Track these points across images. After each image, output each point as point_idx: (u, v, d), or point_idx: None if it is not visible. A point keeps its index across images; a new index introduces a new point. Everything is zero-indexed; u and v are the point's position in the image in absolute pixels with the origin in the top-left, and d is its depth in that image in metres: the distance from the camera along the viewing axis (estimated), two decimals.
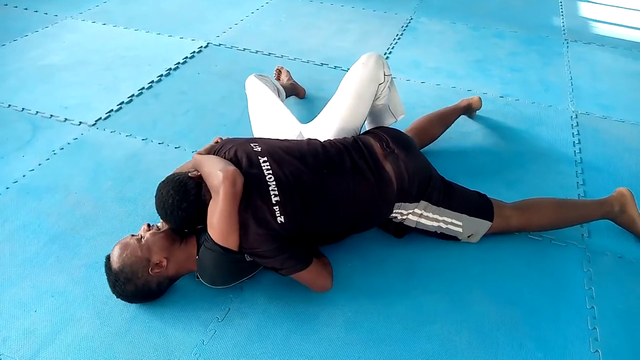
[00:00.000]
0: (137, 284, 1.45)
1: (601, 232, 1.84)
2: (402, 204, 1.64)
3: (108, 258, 1.48)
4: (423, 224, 1.68)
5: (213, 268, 1.48)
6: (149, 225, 1.54)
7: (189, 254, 1.51)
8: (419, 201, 1.65)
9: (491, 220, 1.71)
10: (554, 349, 1.46)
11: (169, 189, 1.47)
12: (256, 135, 1.98)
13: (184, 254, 1.51)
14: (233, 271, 1.51)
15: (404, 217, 1.67)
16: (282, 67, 2.61)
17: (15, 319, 1.49)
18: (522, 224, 1.76)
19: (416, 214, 1.67)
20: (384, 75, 1.81)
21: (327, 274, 1.54)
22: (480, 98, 2.39)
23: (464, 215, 1.69)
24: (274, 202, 1.43)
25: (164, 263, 1.47)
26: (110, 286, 1.47)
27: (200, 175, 1.50)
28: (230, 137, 1.72)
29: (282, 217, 1.43)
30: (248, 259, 1.48)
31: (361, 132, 1.84)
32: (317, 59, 2.92)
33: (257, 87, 2.04)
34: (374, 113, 1.91)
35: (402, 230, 1.72)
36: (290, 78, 2.53)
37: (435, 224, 1.69)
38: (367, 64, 1.81)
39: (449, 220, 1.69)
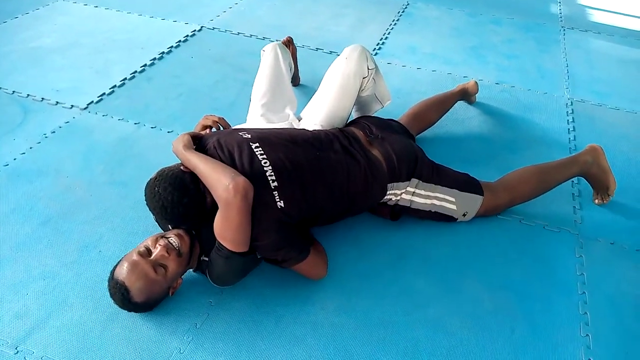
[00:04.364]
0: (153, 306, 1.45)
1: (594, 218, 1.85)
2: (395, 184, 1.64)
3: (125, 288, 1.34)
4: (417, 202, 1.69)
5: (229, 273, 1.45)
6: (167, 250, 1.38)
7: (194, 259, 1.48)
8: (410, 179, 1.66)
9: (482, 195, 1.72)
10: (545, 332, 1.47)
11: (166, 186, 1.38)
12: (252, 102, 1.93)
13: (192, 263, 1.49)
14: (245, 267, 1.49)
15: (398, 197, 1.68)
16: (291, 40, 2.40)
17: (7, 301, 1.48)
18: (510, 198, 1.79)
19: (409, 192, 1.67)
20: (368, 69, 1.79)
21: (323, 263, 1.56)
22: (476, 82, 2.37)
23: (455, 191, 1.70)
24: (272, 187, 1.41)
25: (180, 282, 1.47)
26: (122, 307, 1.39)
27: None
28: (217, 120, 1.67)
29: (282, 201, 1.41)
30: (259, 255, 1.48)
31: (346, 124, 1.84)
32: (312, 44, 2.89)
33: (275, 57, 1.97)
34: (361, 102, 1.91)
35: (398, 213, 1.72)
36: (294, 59, 2.38)
37: (429, 201, 1.69)
38: (350, 57, 1.78)
39: (442, 196, 1.69)
